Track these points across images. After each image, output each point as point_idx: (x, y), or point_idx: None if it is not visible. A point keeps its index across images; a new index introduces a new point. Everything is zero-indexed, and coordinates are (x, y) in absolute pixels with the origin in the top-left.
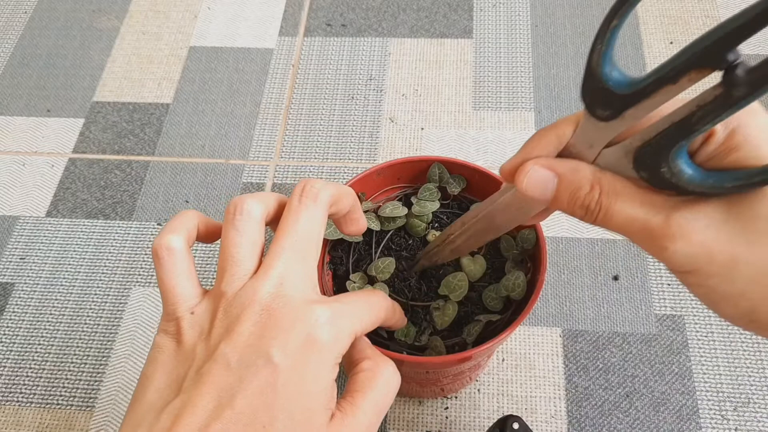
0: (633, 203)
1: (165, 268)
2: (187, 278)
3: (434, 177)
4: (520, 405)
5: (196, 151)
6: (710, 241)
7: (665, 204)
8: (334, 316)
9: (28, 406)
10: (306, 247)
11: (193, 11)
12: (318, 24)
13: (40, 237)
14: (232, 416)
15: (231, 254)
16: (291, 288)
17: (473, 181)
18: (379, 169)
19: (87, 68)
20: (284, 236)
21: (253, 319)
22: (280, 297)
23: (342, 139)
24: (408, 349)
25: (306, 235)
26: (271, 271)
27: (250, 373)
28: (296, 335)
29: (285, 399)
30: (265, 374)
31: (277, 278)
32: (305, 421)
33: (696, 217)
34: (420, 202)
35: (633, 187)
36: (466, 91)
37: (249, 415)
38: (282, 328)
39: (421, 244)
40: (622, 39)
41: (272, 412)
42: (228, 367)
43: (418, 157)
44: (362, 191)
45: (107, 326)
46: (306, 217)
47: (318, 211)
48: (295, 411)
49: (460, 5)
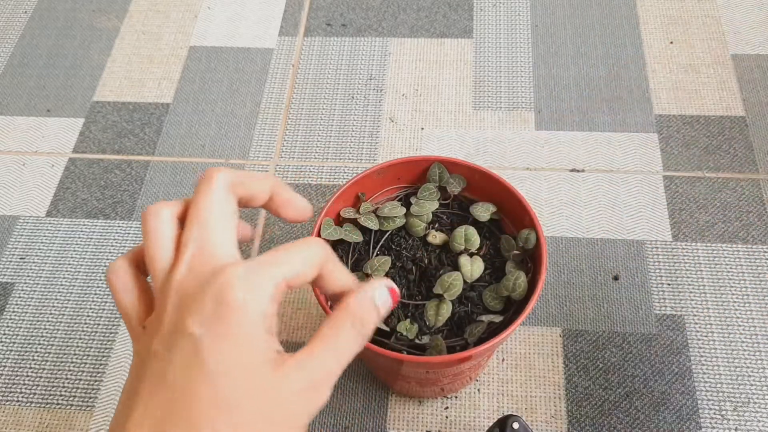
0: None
1: (115, 295)
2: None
3: (434, 177)
4: (520, 405)
5: (196, 151)
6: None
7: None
8: (248, 272)
9: (28, 406)
10: (210, 223)
11: (193, 11)
12: (318, 24)
13: (40, 237)
14: (165, 394)
15: (149, 255)
16: (201, 264)
17: (473, 181)
18: (378, 169)
19: (87, 68)
20: (188, 224)
21: (171, 305)
22: (191, 276)
23: (342, 138)
24: (409, 348)
25: (205, 213)
26: (181, 257)
27: (174, 353)
28: (207, 301)
29: (215, 363)
30: (187, 348)
31: (187, 262)
32: (245, 377)
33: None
34: (419, 201)
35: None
36: (466, 91)
37: (182, 388)
38: (194, 299)
39: (421, 243)
40: (622, 39)
41: (207, 379)
42: (160, 359)
43: (417, 157)
44: (362, 191)
45: (107, 326)
46: (202, 198)
47: (212, 190)
48: (231, 371)
49: (460, 5)
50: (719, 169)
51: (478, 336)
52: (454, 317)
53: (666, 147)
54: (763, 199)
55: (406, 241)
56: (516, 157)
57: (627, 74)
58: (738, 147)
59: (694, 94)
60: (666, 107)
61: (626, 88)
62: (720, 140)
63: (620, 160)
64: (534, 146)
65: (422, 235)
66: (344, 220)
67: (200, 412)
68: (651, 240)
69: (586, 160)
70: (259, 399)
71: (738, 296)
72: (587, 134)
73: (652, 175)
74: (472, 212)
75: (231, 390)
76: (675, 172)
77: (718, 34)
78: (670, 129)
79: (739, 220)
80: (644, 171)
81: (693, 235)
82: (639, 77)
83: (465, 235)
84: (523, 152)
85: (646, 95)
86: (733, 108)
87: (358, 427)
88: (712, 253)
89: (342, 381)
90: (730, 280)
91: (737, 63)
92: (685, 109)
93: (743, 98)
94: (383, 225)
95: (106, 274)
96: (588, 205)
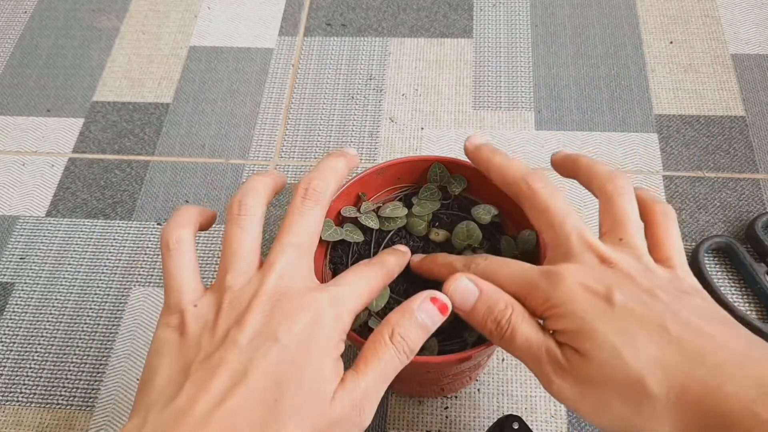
0: (535, 328)
1: (174, 261)
2: (193, 272)
3: (435, 177)
4: (520, 405)
5: (196, 150)
6: (580, 390)
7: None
8: (333, 300)
9: (28, 406)
10: (307, 243)
11: (193, 11)
12: (318, 24)
13: (40, 237)
14: (246, 391)
15: (236, 250)
16: (292, 280)
17: (474, 181)
18: (379, 168)
19: (87, 68)
20: (287, 234)
21: (261, 309)
22: (283, 289)
23: (342, 138)
24: None
25: (307, 233)
26: (276, 265)
27: (260, 353)
28: (300, 319)
29: (293, 374)
30: (274, 354)
31: (280, 272)
32: (313, 391)
33: (568, 379)
34: (421, 202)
35: (536, 321)
36: (466, 91)
37: (261, 390)
38: (286, 314)
39: (422, 243)
40: (622, 39)
41: (282, 386)
42: (240, 351)
43: (418, 156)
44: (363, 191)
45: (107, 326)
46: (308, 217)
47: (319, 212)
48: (303, 384)
49: (460, 5)
50: (719, 169)
51: (477, 336)
52: (453, 317)
53: (666, 147)
54: (763, 199)
55: (407, 241)
56: (516, 156)
57: (627, 74)
58: (738, 147)
59: (694, 94)
60: (666, 107)
61: (626, 88)
62: (720, 140)
63: (620, 160)
64: (534, 146)
65: (423, 235)
66: (345, 219)
67: (278, 415)
68: None
69: None
70: (321, 417)
71: None
72: (587, 134)
73: (652, 175)
74: (474, 214)
75: (306, 402)
76: (675, 172)
77: (718, 33)
78: (670, 129)
79: (739, 220)
80: (644, 171)
81: (693, 234)
82: (639, 77)
83: (467, 230)
84: (523, 152)
85: (646, 95)
86: (733, 108)
87: None
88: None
89: None
90: None
91: (737, 63)
92: (685, 109)
93: (743, 98)
94: (384, 225)
95: (168, 242)
96: (588, 205)
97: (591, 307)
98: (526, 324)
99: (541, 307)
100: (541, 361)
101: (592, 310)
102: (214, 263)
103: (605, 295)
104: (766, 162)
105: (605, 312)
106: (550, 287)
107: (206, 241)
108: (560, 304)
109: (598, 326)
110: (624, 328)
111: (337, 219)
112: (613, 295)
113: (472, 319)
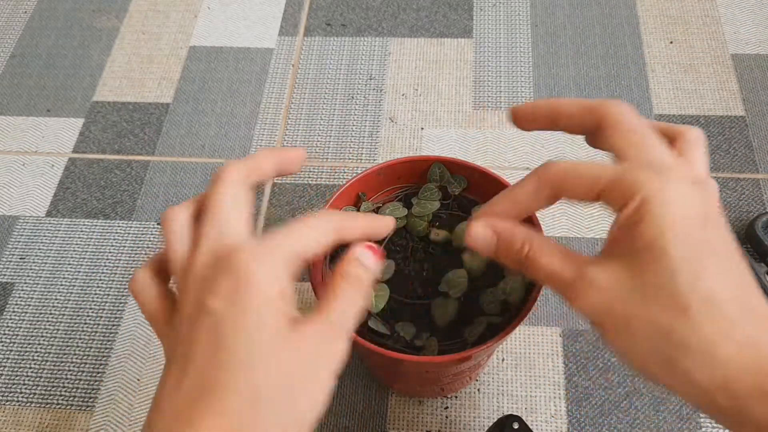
0: (554, 259)
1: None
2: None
3: (435, 177)
4: (520, 405)
5: (196, 150)
6: (611, 297)
7: (581, 261)
8: (260, 248)
9: (28, 406)
10: (223, 214)
11: (193, 11)
12: (318, 24)
13: (40, 237)
14: (193, 369)
15: (170, 254)
16: (218, 249)
17: (474, 181)
18: (379, 168)
19: (87, 68)
20: (203, 218)
21: (191, 290)
22: (209, 261)
23: (342, 138)
24: (406, 349)
25: (219, 206)
26: (199, 247)
27: (197, 332)
28: (225, 279)
29: (234, 333)
30: (208, 323)
31: (203, 251)
32: (262, 340)
33: (604, 273)
34: (420, 202)
35: (558, 247)
36: (466, 91)
37: (207, 363)
38: (212, 279)
39: (422, 243)
40: (622, 39)
41: (227, 348)
42: (184, 341)
43: (418, 156)
44: (363, 191)
45: (107, 326)
46: (214, 193)
47: (224, 183)
48: (250, 337)
49: (460, 5)
50: (719, 169)
51: (477, 336)
52: (455, 317)
53: None
54: (763, 199)
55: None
56: (516, 157)
57: (627, 74)
58: (738, 147)
59: (694, 94)
60: (666, 107)
61: (626, 88)
62: (720, 140)
63: None
64: (534, 146)
65: (424, 234)
66: None
67: (224, 381)
68: None
69: (587, 159)
70: (277, 358)
71: None
72: None
73: None
74: (473, 214)
75: (249, 354)
76: None
77: (717, 33)
78: None
79: (739, 220)
80: None
81: None
82: (639, 77)
83: (466, 230)
84: (523, 152)
85: (646, 95)
86: (733, 108)
87: (358, 427)
88: None
89: (342, 381)
90: None
91: (737, 63)
92: (685, 109)
93: (743, 98)
94: None
95: (129, 285)
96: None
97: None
98: (546, 257)
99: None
100: (565, 286)
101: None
102: None
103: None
104: (766, 162)
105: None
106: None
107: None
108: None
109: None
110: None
111: None
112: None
113: (499, 259)
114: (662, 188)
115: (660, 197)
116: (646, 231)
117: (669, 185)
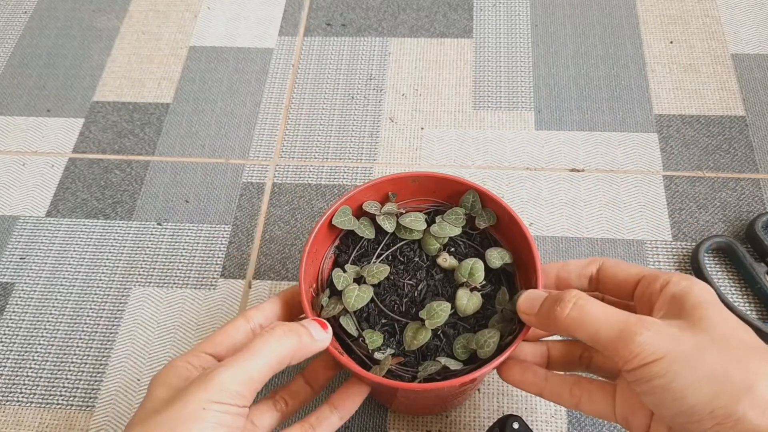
0: (606, 307)
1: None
2: None
3: (467, 203)
4: (520, 405)
5: (196, 150)
6: (672, 338)
7: (628, 315)
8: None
9: (28, 406)
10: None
11: (193, 11)
12: (318, 24)
13: (40, 237)
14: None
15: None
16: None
17: (502, 220)
18: (414, 175)
19: (87, 68)
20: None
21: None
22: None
23: (342, 138)
24: (366, 357)
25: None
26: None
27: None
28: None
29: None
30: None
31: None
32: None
33: (661, 321)
34: (443, 223)
35: (603, 303)
36: (466, 91)
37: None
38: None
39: (430, 263)
40: (622, 39)
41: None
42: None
43: (457, 177)
44: (394, 191)
45: (107, 326)
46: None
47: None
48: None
49: (460, 5)
50: (719, 169)
51: (426, 375)
52: (425, 347)
53: (666, 147)
54: (763, 199)
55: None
56: (516, 157)
57: (627, 74)
58: (738, 147)
59: (694, 93)
60: (666, 107)
61: (626, 88)
62: (720, 140)
63: (620, 160)
64: (534, 146)
65: (433, 255)
66: (364, 213)
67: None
68: (651, 240)
69: (586, 160)
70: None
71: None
72: (587, 134)
73: (652, 174)
74: (487, 255)
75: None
76: (675, 172)
77: (717, 33)
78: (670, 129)
79: (739, 220)
80: (644, 171)
81: (693, 234)
82: (639, 77)
83: (471, 268)
84: (523, 152)
85: (645, 95)
86: (733, 108)
87: (358, 427)
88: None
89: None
90: None
91: (737, 63)
92: (685, 109)
93: (743, 98)
94: (400, 232)
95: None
96: (588, 205)
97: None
98: (595, 306)
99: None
100: (626, 326)
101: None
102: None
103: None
104: (766, 162)
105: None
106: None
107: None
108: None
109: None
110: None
111: (358, 210)
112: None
113: (539, 318)
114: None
115: (690, 283)
116: (692, 298)
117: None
